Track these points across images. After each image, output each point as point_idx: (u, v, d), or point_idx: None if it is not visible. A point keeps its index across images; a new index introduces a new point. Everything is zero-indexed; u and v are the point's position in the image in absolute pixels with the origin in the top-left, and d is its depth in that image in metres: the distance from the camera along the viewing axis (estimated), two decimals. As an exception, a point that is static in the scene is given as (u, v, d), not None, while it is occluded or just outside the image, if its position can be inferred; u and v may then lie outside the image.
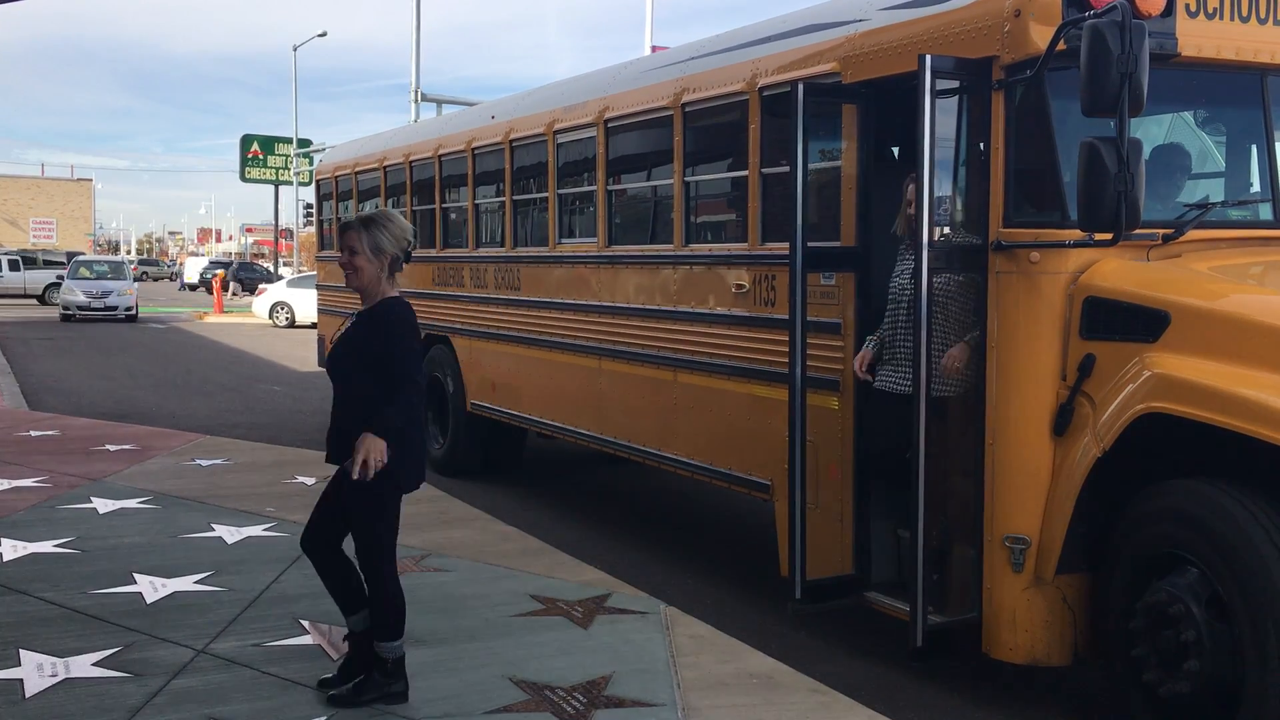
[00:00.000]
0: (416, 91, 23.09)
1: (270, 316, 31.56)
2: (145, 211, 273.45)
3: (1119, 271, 4.71)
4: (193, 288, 57.64)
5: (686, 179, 7.14)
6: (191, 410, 14.34)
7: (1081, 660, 4.90)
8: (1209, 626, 4.17)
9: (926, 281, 4.89)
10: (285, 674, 4.71)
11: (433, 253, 10.57)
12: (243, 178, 49.11)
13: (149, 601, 5.62)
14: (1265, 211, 5.37)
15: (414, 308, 4.51)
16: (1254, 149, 5.45)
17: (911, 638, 5.04)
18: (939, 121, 4.91)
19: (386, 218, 4.44)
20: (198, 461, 9.43)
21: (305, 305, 28.10)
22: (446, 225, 10.56)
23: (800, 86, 5.49)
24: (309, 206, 40.05)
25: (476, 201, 9.92)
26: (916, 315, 4.92)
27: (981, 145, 5.03)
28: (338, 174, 13.17)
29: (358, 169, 12.51)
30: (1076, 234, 4.63)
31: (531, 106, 9.18)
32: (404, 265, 4.45)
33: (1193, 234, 4.92)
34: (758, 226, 6.43)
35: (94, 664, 4.77)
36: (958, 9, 5.14)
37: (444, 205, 10.55)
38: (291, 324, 30.67)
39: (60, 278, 37.04)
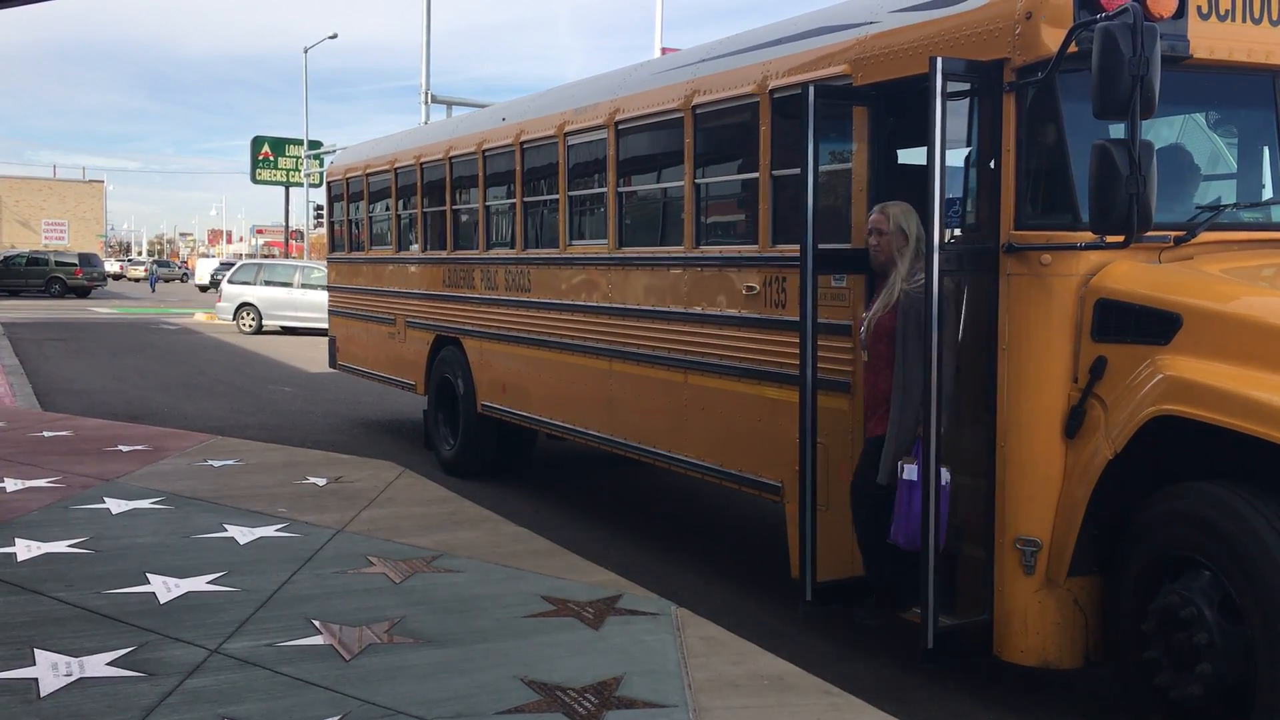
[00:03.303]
0: (427, 93, 23.15)
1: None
2: (156, 213, 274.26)
3: (1131, 274, 4.70)
4: (203, 289, 57.68)
5: (697, 181, 7.15)
6: (203, 411, 14.39)
7: (1092, 663, 4.90)
8: (1221, 629, 4.17)
9: (937, 285, 4.89)
10: (298, 674, 4.73)
11: (443, 254, 10.60)
12: (253, 179, 49.23)
13: (162, 601, 5.64)
14: (1277, 214, 5.37)
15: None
16: (1266, 151, 5.45)
17: (922, 640, 5.03)
18: (950, 124, 4.91)
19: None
20: (210, 462, 9.46)
21: (316, 306, 28.08)
22: (457, 227, 10.58)
23: (811, 89, 5.49)
24: (319, 208, 40.18)
25: (487, 203, 9.93)
26: (928, 317, 4.92)
27: (993, 147, 5.03)
28: (348, 175, 13.21)
29: (368, 170, 12.56)
30: (1088, 236, 4.62)
31: (542, 108, 9.20)
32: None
33: (1204, 236, 4.92)
34: (768, 228, 6.44)
35: (108, 664, 4.78)
36: (969, 11, 5.15)
37: (455, 207, 10.57)
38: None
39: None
